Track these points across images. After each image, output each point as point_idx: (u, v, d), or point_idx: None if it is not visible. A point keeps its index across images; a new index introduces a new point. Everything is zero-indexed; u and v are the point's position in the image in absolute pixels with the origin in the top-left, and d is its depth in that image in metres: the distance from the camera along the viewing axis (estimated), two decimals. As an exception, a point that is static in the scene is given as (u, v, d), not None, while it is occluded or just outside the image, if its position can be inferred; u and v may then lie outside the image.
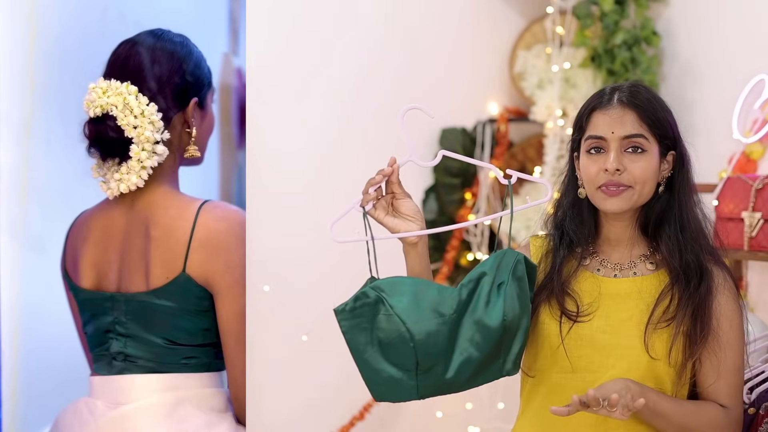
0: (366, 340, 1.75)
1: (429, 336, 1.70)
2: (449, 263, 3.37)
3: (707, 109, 3.15)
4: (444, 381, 1.74)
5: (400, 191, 1.86)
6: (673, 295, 1.84)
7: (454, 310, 1.72)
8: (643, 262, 1.91)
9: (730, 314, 1.87)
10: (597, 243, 1.94)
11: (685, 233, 1.87)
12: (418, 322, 1.70)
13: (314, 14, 3.13)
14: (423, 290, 1.74)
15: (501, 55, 3.49)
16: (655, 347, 1.83)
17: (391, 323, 1.71)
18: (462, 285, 1.75)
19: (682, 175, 1.90)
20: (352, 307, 1.75)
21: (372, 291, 1.74)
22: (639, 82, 1.97)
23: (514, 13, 3.50)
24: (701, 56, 3.18)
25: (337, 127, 3.17)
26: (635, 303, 1.86)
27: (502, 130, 3.41)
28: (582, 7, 3.25)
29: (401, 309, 1.71)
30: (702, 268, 1.86)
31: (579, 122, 1.91)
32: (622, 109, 1.85)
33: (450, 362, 1.73)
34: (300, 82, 3.11)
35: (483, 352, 1.72)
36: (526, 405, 1.93)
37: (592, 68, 3.26)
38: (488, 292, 1.73)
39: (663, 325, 1.83)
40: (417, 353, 1.71)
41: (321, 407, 3.12)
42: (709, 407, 1.85)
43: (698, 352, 1.83)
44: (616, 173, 1.83)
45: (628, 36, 3.17)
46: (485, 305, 1.72)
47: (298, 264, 3.08)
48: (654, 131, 1.85)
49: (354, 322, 1.75)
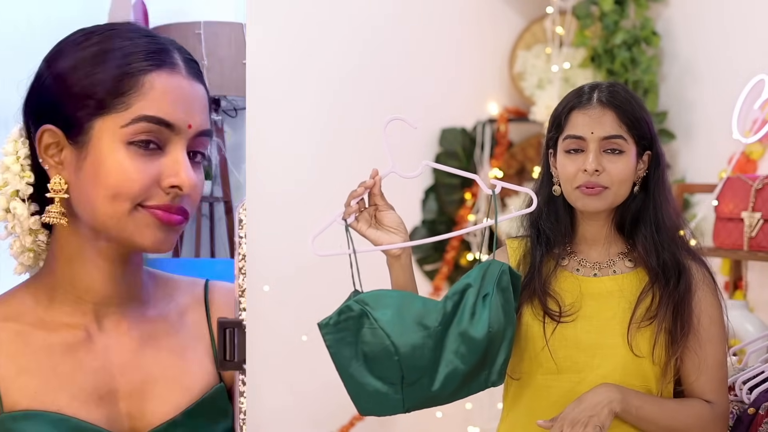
0: (351, 354, 1.73)
1: (414, 349, 1.70)
2: (449, 263, 3.37)
3: (707, 109, 3.15)
4: (430, 394, 1.73)
5: (383, 203, 1.84)
6: (654, 294, 1.85)
7: (438, 323, 1.71)
8: (621, 260, 1.91)
9: (710, 310, 1.87)
10: (574, 242, 1.94)
11: (660, 232, 1.88)
12: (403, 335, 1.69)
13: (314, 14, 3.14)
14: (407, 303, 1.73)
15: (501, 55, 3.49)
16: (639, 345, 1.83)
17: (375, 337, 1.70)
18: (447, 297, 1.74)
19: (657, 174, 1.90)
20: (336, 320, 1.73)
21: (356, 304, 1.72)
22: (617, 82, 1.97)
23: (514, 14, 3.51)
24: (701, 56, 3.18)
25: (337, 128, 3.17)
26: (617, 302, 1.87)
27: (501, 130, 3.41)
28: (582, 7, 3.25)
29: (385, 322, 1.69)
30: (679, 265, 1.86)
31: (557, 120, 1.91)
32: (602, 109, 1.85)
33: (436, 374, 1.72)
34: (300, 82, 3.11)
35: (468, 364, 1.71)
36: (511, 408, 1.93)
37: (592, 68, 3.26)
38: (473, 303, 1.72)
39: (646, 323, 1.84)
40: (402, 366, 1.70)
41: (321, 407, 3.12)
42: (693, 404, 1.85)
43: (680, 350, 1.84)
44: (595, 174, 1.83)
45: (627, 36, 3.17)
46: (470, 317, 1.71)
47: (298, 264, 3.08)
48: (632, 132, 1.86)
49: (338, 336, 1.72)
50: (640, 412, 1.78)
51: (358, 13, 3.21)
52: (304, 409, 3.10)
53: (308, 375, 3.11)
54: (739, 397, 2.09)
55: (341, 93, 3.18)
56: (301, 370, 3.10)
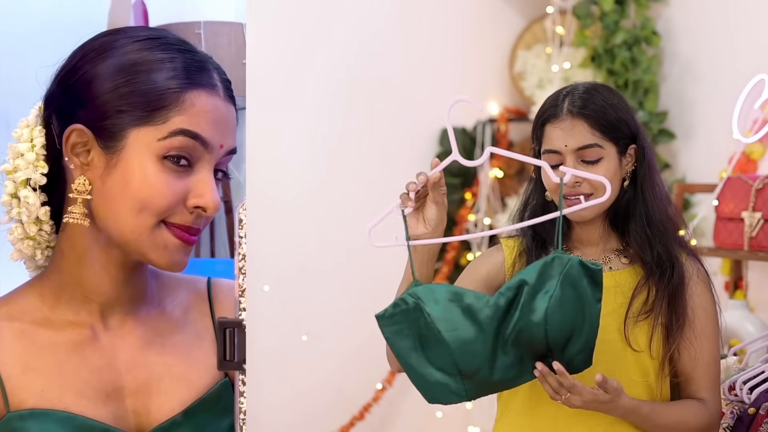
0: (409, 346, 1.73)
1: (465, 344, 1.69)
2: (449, 263, 3.37)
3: (707, 109, 3.15)
4: (491, 382, 1.73)
5: (432, 195, 1.80)
6: (650, 288, 1.85)
7: (490, 318, 1.70)
8: (617, 256, 1.91)
9: (705, 304, 1.88)
10: (569, 244, 1.93)
11: (652, 226, 1.88)
12: (453, 330, 1.69)
13: (314, 14, 3.14)
14: (458, 298, 1.72)
15: (501, 55, 3.49)
16: (638, 340, 1.83)
17: (430, 330, 1.70)
18: (500, 293, 1.73)
19: (644, 167, 1.89)
20: (391, 313, 1.73)
21: (410, 297, 1.72)
22: (596, 83, 1.96)
23: (514, 13, 3.50)
24: (701, 56, 3.18)
25: (337, 128, 3.17)
26: (614, 298, 1.87)
27: (502, 129, 3.41)
28: (582, 6, 3.25)
29: (435, 317, 1.69)
30: (672, 258, 1.86)
31: (535, 134, 1.92)
32: (572, 120, 1.85)
33: (495, 365, 1.71)
34: (300, 82, 3.11)
35: (524, 357, 1.70)
36: (506, 407, 1.92)
37: (592, 68, 3.26)
38: (529, 299, 1.70)
39: (642, 317, 1.84)
40: (455, 360, 1.70)
41: (321, 407, 3.12)
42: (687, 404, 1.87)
43: (675, 343, 1.84)
44: (576, 185, 1.83)
45: (628, 36, 3.17)
46: (528, 313, 1.69)
47: (298, 264, 3.08)
48: (608, 136, 1.85)
49: (395, 329, 1.73)
50: (628, 417, 1.80)
51: (358, 13, 3.21)
52: (305, 409, 3.10)
53: (308, 375, 3.11)
54: (740, 397, 2.09)
55: (341, 93, 3.18)
56: (301, 369, 3.10)
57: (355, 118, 3.20)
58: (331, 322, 2.98)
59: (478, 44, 3.46)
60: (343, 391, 3.13)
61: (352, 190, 3.11)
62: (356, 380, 2.57)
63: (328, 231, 3.11)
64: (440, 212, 1.79)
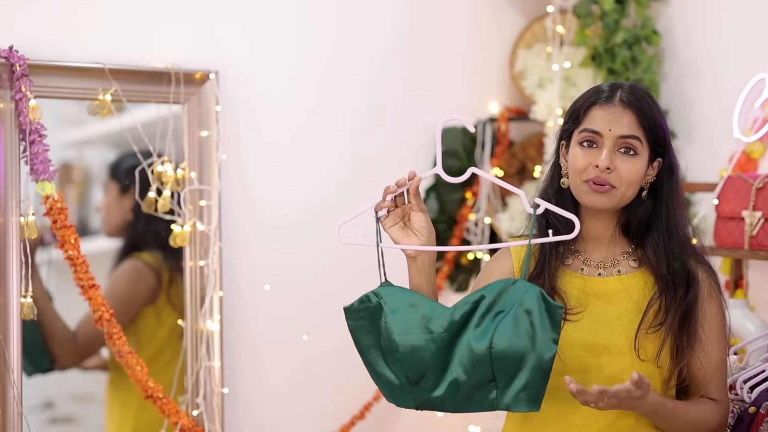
0: (369, 343, 1.76)
1: (414, 350, 1.71)
2: (449, 263, 3.37)
3: (707, 109, 3.15)
4: (434, 398, 1.74)
5: (417, 203, 1.83)
6: (662, 303, 1.87)
7: (444, 329, 1.72)
8: (626, 259, 1.92)
9: (714, 321, 1.90)
10: (578, 241, 1.94)
11: (672, 241, 1.89)
12: (405, 335, 1.72)
13: (314, 14, 3.13)
14: (416, 305, 1.75)
15: (501, 55, 3.49)
16: (646, 350, 1.84)
17: (386, 331, 1.72)
18: (456, 305, 1.75)
19: (671, 183, 1.91)
20: (356, 308, 1.76)
21: (374, 296, 1.75)
22: (638, 84, 1.98)
23: (514, 12, 3.50)
24: (701, 55, 3.18)
25: (336, 127, 3.17)
26: (623, 302, 1.87)
27: (502, 129, 3.40)
28: (582, 6, 3.25)
29: (392, 319, 1.72)
30: (689, 275, 1.88)
31: (575, 114, 1.91)
32: (623, 108, 1.86)
33: (441, 380, 1.73)
34: (300, 82, 3.10)
35: (469, 376, 1.71)
36: None
37: (593, 67, 3.26)
38: (482, 315, 1.72)
39: (653, 329, 1.85)
40: (403, 364, 1.72)
41: (321, 407, 3.12)
42: (703, 403, 1.89)
43: (685, 360, 1.87)
44: (606, 171, 1.83)
45: (628, 35, 3.17)
46: (475, 328, 1.72)
47: (298, 264, 3.07)
48: (649, 135, 1.86)
49: (358, 324, 1.76)
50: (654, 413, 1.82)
51: (357, 13, 3.21)
52: (305, 409, 3.10)
53: (308, 375, 3.11)
54: (740, 396, 2.09)
55: (341, 93, 3.17)
56: (301, 370, 3.09)
57: (354, 118, 3.20)
58: (331, 322, 2.97)
59: (478, 43, 3.45)
60: (344, 390, 3.13)
61: (353, 190, 3.11)
62: (357, 379, 2.56)
63: (329, 231, 3.10)
64: (426, 218, 1.83)
